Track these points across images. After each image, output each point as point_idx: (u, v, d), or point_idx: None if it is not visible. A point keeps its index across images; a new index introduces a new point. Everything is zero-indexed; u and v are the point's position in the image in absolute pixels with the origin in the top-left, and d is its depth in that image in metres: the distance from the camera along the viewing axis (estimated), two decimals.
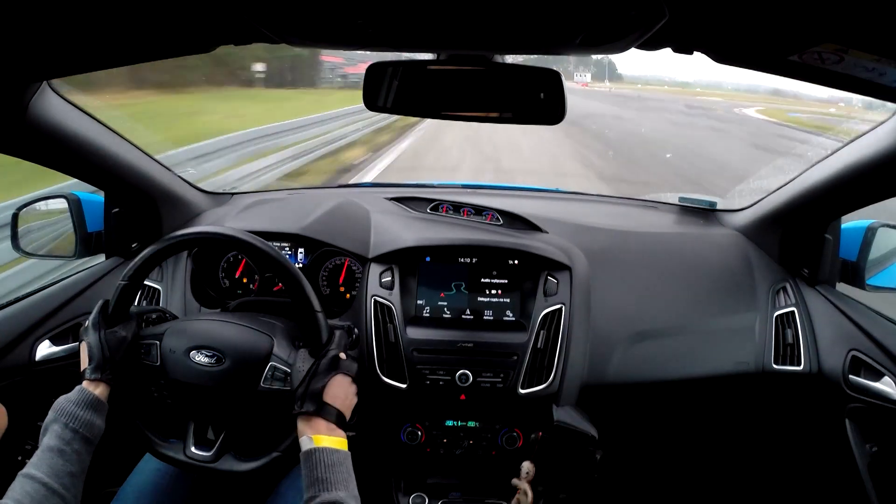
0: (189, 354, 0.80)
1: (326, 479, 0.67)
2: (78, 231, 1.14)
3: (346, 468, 0.71)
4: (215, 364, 0.79)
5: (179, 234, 0.83)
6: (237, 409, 0.82)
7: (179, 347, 0.81)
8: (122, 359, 0.78)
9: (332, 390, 0.76)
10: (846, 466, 1.04)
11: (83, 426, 0.69)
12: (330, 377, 0.76)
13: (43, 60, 0.67)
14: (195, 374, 0.79)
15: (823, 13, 0.48)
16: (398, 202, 1.31)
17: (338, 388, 0.77)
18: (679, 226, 1.36)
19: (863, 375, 1.00)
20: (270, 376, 0.80)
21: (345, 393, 0.78)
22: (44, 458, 0.65)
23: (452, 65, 0.72)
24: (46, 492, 0.62)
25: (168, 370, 0.80)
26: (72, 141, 0.91)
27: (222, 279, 1.21)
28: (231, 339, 0.82)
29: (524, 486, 1.07)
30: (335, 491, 0.67)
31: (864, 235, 1.09)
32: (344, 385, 0.78)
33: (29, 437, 1.02)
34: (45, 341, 1.02)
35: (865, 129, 0.92)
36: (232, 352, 0.80)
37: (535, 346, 1.04)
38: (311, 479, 0.68)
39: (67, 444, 0.67)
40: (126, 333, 0.80)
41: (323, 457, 0.69)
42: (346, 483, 0.69)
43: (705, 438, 1.33)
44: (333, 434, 0.74)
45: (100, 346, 0.76)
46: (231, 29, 0.64)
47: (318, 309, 0.81)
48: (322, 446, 0.71)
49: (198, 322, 0.87)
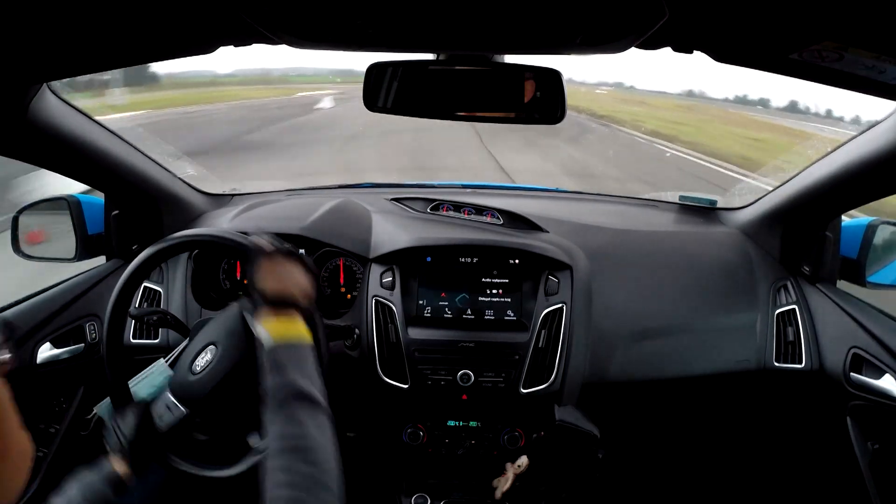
0: (191, 368, 0.80)
1: (281, 366, 0.65)
2: (78, 233, 1.14)
3: (305, 356, 0.68)
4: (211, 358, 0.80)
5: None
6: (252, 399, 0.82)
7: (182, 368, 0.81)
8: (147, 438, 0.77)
9: (263, 277, 0.74)
10: (848, 464, 1.04)
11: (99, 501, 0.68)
12: (256, 266, 0.74)
13: (42, 62, 0.67)
14: (205, 379, 0.79)
15: (823, 11, 0.48)
16: (399, 202, 1.31)
17: (267, 271, 0.74)
18: (680, 224, 1.36)
19: (864, 373, 1.00)
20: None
21: (280, 274, 0.75)
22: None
23: (452, 65, 0.72)
24: None
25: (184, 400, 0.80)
26: (71, 143, 0.91)
27: (223, 280, 1.21)
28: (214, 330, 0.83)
29: (510, 473, 1.08)
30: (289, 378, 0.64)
31: (865, 233, 1.09)
32: (276, 266, 0.75)
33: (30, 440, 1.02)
34: (46, 344, 1.02)
35: (864, 129, 0.92)
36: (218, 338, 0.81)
37: (536, 345, 1.04)
38: (265, 367, 0.66)
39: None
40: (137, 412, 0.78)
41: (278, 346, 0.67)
42: (304, 371, 0.66)
43: (707, 437, 1.33)
44: (283, 317, 0.71)
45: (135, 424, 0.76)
46: (231, 30, 0.64)
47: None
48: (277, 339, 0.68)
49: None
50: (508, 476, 1.08)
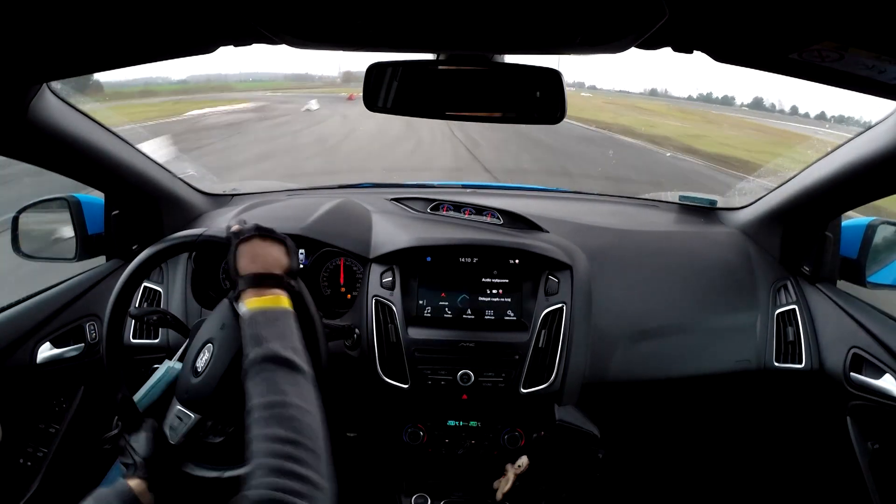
0: (193, 370, 0.80)
1: (258, 335, 0.64)
2: (78, 233, 1.14)
3: (282, 323, 0.67)
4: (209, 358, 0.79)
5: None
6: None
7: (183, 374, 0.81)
8: (163, 458, 0.76)
9: (241, 261, 0.73)
10: (847, 464, 1.04)
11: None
12: (233, 252, 0.74)
13: (42, 62, 0.67)
14: (207, 379, 0.79)
15: (823, 11, 0.48)
16: (399, 202, 1.31)
17: (245, 254, 0.74)
18: (680, 224, 1.36)
19: (864, 373, 1.00)
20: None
21: (256, 252, 0.74)
22: None
23: (452, 65, 0.72)
24: None
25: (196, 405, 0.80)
26: (72, 143, 0.91)
27: (223, 280, 1.21)
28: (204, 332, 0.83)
29: (510, 474, 1.08)
30: (266, 344, 0.63)
31: (865, 233, 1.09)
32: (250, 248, 0.75)
33: (30, 440, 1.03)
34: (46, 343, 1.02)
35: (863, 130, 0.92)
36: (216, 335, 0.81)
37: (536, 345, 1.04)
38: (245, 340, 0.65)
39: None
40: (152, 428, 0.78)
41: (255, 317, 0.67)
42: (283, 336, 0.65)
43: (707, 437, 1.33)
44: (264, 294, 0.70)
45: (149, 442, 0.76)
46: (231, 30, 0.64)
47: None
48: (254, 308, 0.68)
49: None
50: (509, 477, 1.08)
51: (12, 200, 1.13)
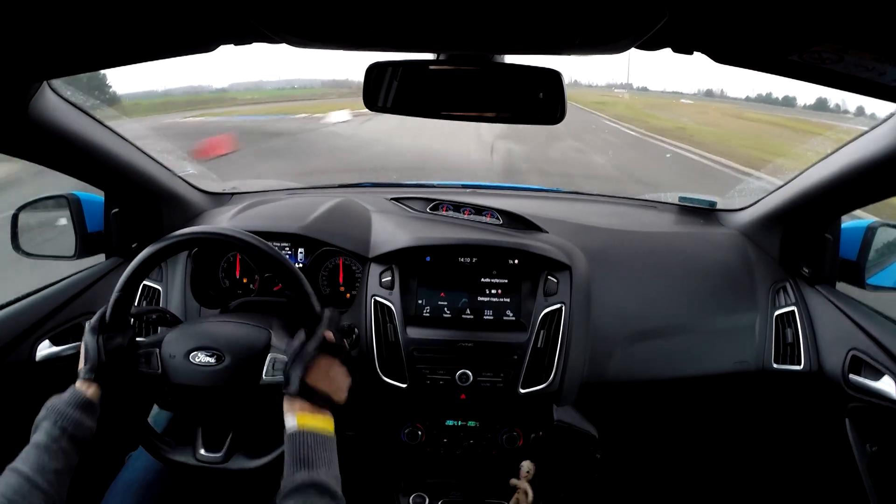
0: (189, 357, 0.80)
1: (307, 458, 0.66)
2: (78, 231, 1.14)
3: (329, 450, 0.69)
4: (216, 363, 0.79)
5: (178, 235, 0.83)
6: (243, 406, 0.82)
7: (179, 351, 0.81)
8: (116, 364, 0.78)
9: (316, 372, 0.74)
10: (846, 466, 1.04)
11: (72, 425, 0.69)
12: (315, 357, 0.75)
13: (42, 60, 0.67)
14: (198, 376, 0.79)
15: (823, 13, 0.48)
16: (398, 202, 1.31)
17: (322, 370, 0.75)
18: (679, 225, 1.36)
19: (863, 375, 1.00)
20: (271, 367, 0.80)
21: (330, 374, 0.76)
22: (31, 454, 0.66)
23: (452, 65, 0.72)
24: (29, 486, 0.62)
25: (170, 376, 0.80)
26: (72, 141, 0.92)
27: (222, 279, 1.21)
28: (229, 336, 0.82)
29: (524, 485, 1.08)
30: (315, 470, 0.65)
31: (864, 235, 1.09)
32: (329, 366, 0.76)
33: (29, 438, 1.03)
34: (45, 341, 1.02)
35: (865, 130, 0.92)
36: (231, 348, 0.80)
37: (535, 345, 1.04)
38: (291, 459, 0.66)
39: (55, 442, 0.67)
40: (122, 340, 0.79)
41: (305, 438, 0.68)
42: (328, 464, 0.67)
43: (705, 438, 1.33)
44: (318, 414, 0.72)
45: (96, 349, 0.76)
46: (231, 29, 0.63)
47: (310, 291, 0.80)
48: (305, 428, 0.69)
49: (195, 325, 0.87)
50: (527, 489, 1.07)
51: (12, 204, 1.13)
